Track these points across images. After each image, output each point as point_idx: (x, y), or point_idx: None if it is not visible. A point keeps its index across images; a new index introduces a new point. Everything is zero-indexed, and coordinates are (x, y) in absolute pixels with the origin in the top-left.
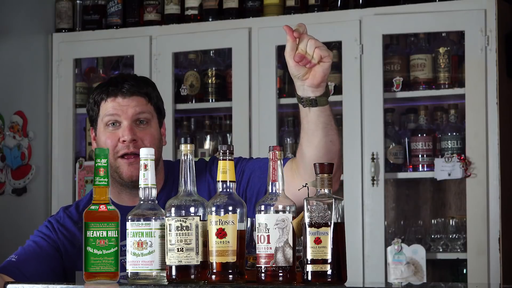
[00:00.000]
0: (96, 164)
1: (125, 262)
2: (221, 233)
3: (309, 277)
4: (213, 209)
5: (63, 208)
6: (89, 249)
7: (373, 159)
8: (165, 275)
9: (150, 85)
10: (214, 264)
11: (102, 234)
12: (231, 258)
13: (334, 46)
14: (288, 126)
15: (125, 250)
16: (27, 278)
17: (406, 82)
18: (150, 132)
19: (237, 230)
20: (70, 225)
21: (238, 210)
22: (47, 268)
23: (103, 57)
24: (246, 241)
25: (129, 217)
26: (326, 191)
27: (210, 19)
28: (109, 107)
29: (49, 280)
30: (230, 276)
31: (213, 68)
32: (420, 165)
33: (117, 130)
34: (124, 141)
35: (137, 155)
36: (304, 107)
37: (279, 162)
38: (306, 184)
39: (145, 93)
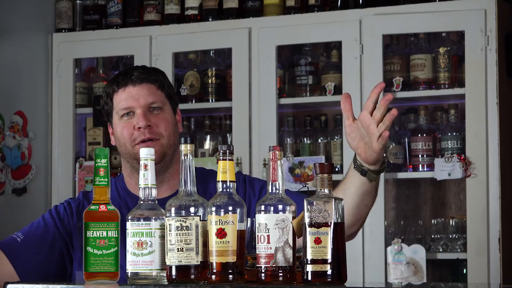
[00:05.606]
0: (96, 164)
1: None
2: (221, 233)
3: (309, 277)
4: (213, 209)
5: (83, 193)
6: (89, 249)
7: None
8: (165, 275)
9: (159, 73)
10: (214, 264)
11: (102, 234)
12: (231, 258)
13: (334, 46)
14: (288, 126)
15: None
16: (23, 264)
17: (406, 82)
18: (164, 117)
19: (237, 230)
20: None
21: (238, 210)
22: (48, 258)
23: (103, 57)
24: (246, 241)
25: (129, 217)
26: (326, 191)
27: (210, 19)
28: (121, 98)
29: (50, 273)
30: (230, 276)
31: (213, 68)
32: (420, 165)
33: (132, 119)
34: (139, 128)
35: (153, 140)
36: (354, 168)
37: (279, 162)
38: (306, 184)
39: (155, 80)
